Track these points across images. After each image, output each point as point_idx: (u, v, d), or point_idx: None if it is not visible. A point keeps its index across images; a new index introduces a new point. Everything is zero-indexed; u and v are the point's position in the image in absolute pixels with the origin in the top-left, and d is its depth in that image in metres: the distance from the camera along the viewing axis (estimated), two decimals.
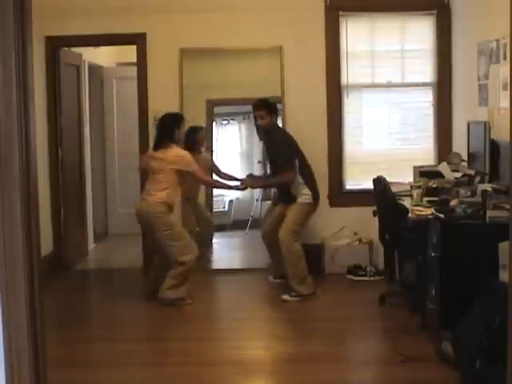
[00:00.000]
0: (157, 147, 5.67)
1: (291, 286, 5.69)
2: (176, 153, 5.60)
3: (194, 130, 6.65)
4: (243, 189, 6.32)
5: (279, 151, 5.85)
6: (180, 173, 5.62)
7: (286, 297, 5.68)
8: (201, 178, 5.91)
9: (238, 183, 6.28)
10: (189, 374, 4.19)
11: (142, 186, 6.01)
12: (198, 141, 6.72)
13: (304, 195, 5.78)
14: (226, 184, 6.30)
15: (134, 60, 6.84)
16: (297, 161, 5.79)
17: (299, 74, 6.61)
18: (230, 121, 9.16)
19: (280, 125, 6.35)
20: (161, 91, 6.64)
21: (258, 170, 9.16)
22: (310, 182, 5.84)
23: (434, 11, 6.61)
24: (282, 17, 6.56)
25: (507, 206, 4.16)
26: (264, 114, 5.83)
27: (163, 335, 4.98)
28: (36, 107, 2.28)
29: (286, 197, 5.91)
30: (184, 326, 5.15)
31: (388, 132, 6.85)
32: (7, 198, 2.16)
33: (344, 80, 6.65)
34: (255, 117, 5.92)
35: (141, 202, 5.72)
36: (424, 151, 6.76)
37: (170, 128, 5.65)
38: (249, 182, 6.19)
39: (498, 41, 5.21)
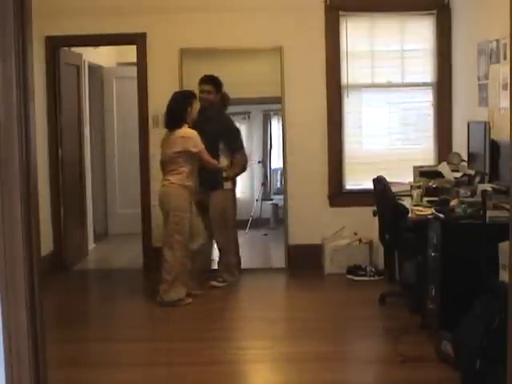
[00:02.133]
0: (169, 127, 5.58)
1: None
2: (183, 133, 5.48)
3: None
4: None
5: (231, 132, 6.12)
6: (189, 154, 5.46)
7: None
8: (207, 160, 5.65)
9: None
10: (189, 374, 4.18)
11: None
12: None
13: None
14: (221, 167, 6.08)
15: (134, 60, 6.84)
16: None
17: (299, 73, 6.61)
18: None
19: (277, 124, 6.38)
20: (161, 91, 6.62)
21: (258, 170, 9.19)
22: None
23: (434, 11, 6.61)
24: (282, 17, 6.56)
25: (507, 206, 4.17)
26: (210, 88, 5.96)
27: (163, 335, 4.98)
28: (36, 107, 2.28)
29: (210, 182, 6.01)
30: (184, 325, 5.15)
31: (388, 132, 6.85)
32: (7, 198, 2.16)
33: (344, 80, 6.65)
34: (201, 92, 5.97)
35: (162, 188, 5.58)
36: (424, 151, 6.76)
37: (181, 107, 5.54)
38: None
39: (497, 41, 5.21)
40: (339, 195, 6.72)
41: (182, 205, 5.47)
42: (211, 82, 5.97)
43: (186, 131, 5.50)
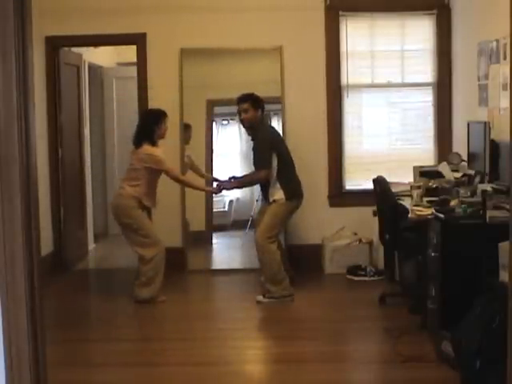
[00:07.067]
0: (136, 144, 5.70)
1: (266, 286, 5.63)
2: (145, 151, 5.61)
3: (186, 127, 6.71)
4: (217, 192, 6.18)
5: (256, 148, 5.75)
6: (151, 170, 5.62)
7: (259, 298, 5.60)
8: (175, 177, 5.81)
9: (214, 185, 6.17)
10: (188, 374, 4.19)
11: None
12: (189, 136, 6.78)
13: (277, 195, 5.67)
14: (199, 186, 6.23)
15: (134, 60, 6.84)
16: (276, 159, 5.65)
17: (299, 74, 6.61)
18: (230, 121, 9.15)
19: (277, 124, 6.32)
20: (161, 91, 6.64)
21: None
22: (285, 182, 5.67)
23: (434, 11, 6.61)
24: (282, 17, 6.56)
25: (507, 206, 4.17)
26: (247, 106, 5.69)
27: (163, 335, 4.98)
28: (36, 107, 2.28)
29: (265, 195, 5.84)
30: (184, 325, 5.15)
31: (388, 132, 6.85)
32: (7, 198, 2.16)
33: (344, 80, 6.65)
34: (239, 112, 5.77)
35: (114, 197, 5.83)
36: (424, 151, 6.76)
37: (149, 125, 5.67)
38: (225, 185, 6.05)
39: (497, 41, 5.21)
40: (339, 195, 6.72)
41: (137, 213, 5.66)
42: (246, 100, 5.72)
43: (148, 149, 5.62)
